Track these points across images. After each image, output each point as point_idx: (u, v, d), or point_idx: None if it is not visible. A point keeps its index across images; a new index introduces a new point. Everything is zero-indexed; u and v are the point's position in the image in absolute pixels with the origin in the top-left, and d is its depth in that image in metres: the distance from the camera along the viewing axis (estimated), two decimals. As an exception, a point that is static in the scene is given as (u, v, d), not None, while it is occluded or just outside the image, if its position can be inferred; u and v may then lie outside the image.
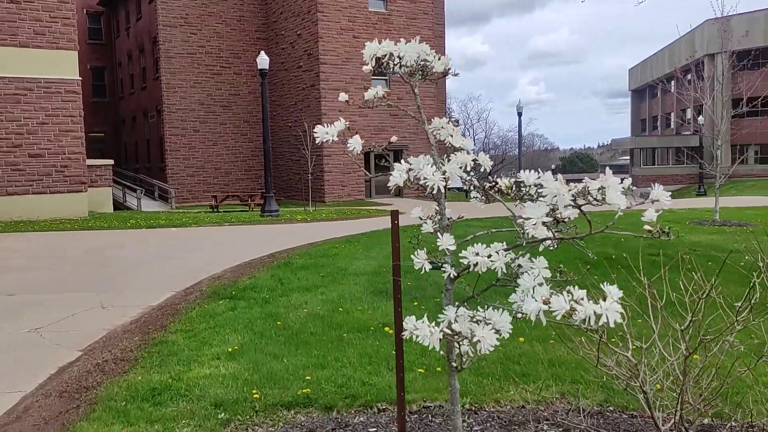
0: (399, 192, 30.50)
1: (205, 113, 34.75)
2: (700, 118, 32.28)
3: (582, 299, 2.23)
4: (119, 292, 8.68)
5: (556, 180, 2.25)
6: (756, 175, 42.91)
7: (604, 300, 2.24)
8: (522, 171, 2.41)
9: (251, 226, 18.20)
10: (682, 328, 2.92)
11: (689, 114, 49.65)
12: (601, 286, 2.27)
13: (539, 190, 2.31)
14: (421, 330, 2.49)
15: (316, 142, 2.96)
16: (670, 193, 2.28)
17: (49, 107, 21.71)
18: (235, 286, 8.36)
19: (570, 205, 2.25)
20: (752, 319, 2.90)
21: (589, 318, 2.16)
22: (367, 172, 31.08)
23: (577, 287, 2.29)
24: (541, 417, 3.94)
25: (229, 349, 5.51)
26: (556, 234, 2.40)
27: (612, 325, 2.17)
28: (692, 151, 43.29)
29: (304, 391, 4.41)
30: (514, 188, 2.51)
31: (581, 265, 3.93)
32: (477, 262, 2.59)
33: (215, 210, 25.84)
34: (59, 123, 21.91)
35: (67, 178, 22.08)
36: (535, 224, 2.28)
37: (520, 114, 38.40)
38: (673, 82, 44.16)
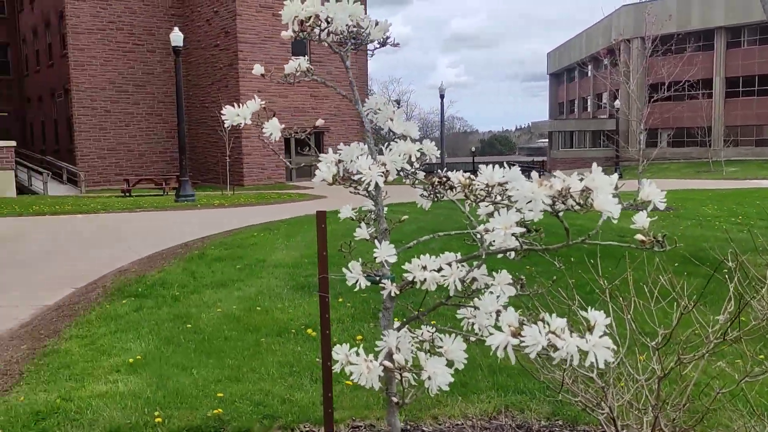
0: (322, 175, 29.65)
1: (117, 93, 32.75)
2: (617, 103, 33.04)
3: (563, 331, 1.75)
4: (8, 290, 7.73)
5: (530, 180, 1.77)
6: (668, 158, 44.62)
7: (590, 330, 1.77)
8: (484, 166, 1.92)
9: (164, 212, 17.11)
10: (656, 345, 2.53)
11: (605, 98, 51.04)
12: (577, 310, 1.82)
13: (509, 193, 1.82)
14: (356, 367, 1.97)
15: (225, 125, 2.42)
16: (663, 191, 1.85)
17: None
18: (143, 281, 7.59)
19: (547, 210, 1.78)
20: (730, 332, 2.53)
21: (572, 357, 1.69)
22: (288, 162, 30.00)
23: (552, 313, 1.83)
24: (486, 436, 3.52)
25: (131, 360, 4.82)
26: (524, 245, 1.93)
27: (602, 366, 1.71)
28: (610, 134, 44.49)
29: (215, 412, 3.82)
30: (469, 186, 2.02)
31: (538, 274, 3.49)
32: (425, 278, 2.09)
33: (127, 194, 24.34)
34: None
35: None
36: (503, 234, 1.80)
37: (442, 96, 38.16)
38: (590, 67, 45.32)
